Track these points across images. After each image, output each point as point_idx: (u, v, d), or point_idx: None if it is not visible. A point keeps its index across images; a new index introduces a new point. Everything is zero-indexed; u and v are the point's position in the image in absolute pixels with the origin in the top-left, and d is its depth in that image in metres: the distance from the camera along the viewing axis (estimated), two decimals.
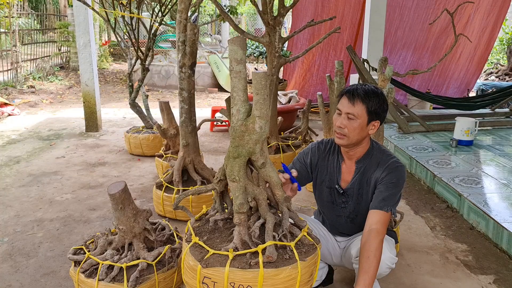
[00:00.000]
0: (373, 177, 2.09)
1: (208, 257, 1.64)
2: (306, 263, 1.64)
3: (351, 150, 2.13)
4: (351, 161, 2.17)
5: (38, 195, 3.78)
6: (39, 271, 2.60)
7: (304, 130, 4.85)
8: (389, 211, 1.97)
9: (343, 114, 2.02)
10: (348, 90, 2.04)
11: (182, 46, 3.22)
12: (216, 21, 10.86)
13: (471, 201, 3.22)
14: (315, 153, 2.25)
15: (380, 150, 2.14)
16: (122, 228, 2.30)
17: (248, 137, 1.65)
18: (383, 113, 2.06)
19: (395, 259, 2.04)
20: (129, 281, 2.15)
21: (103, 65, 12.59)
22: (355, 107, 1.99)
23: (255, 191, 1.72)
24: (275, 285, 1.58)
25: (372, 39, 5.74)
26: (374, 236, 1.90)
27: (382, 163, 2.09)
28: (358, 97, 1.99)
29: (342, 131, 2.03)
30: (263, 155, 1.69)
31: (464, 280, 2.55)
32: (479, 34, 7.49)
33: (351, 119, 2.00)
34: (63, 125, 6.47)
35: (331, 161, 2.22)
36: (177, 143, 4.14)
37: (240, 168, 1.68)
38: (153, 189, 3.42)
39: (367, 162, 2.12)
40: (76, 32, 5.70)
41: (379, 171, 2.08)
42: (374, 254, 1.84)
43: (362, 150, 2.13)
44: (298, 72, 7.63)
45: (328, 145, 2.26)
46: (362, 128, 2.02)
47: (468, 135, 4.62)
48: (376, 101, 2.00)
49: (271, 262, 1.59)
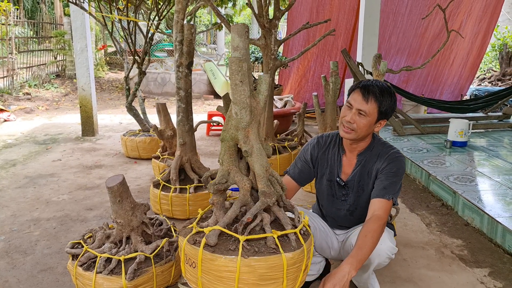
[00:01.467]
0: (374, 168, 2.11)
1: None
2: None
3: (354, 144, 2.15)
4: (352, 154, 2.19)
5: (35, 195, 3.78)
6: (36, 268, 2.60)
7: (300, 133, 4.89)
8: (390, 199, 1.98)
9: (354, 110, 2.02)
10: (363, 85, 2.03)
11: (179, 45, 3.26)
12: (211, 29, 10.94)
13: (466, 198, 3.26)
14: (314, 147, 2.27)
15: (381, 143, 2.17)
16: (120, 222, 2.31)
17: (230, 122, 1.69)
18: (392, 112, 2.08)
19: (395, 249, 2.05)
20: (127, 274, 2.16)
21: (98, 74, 12.62)
22: (368, 104, 1.99)
23: (236, 178, 1.75)
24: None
25: (366, 44, 5.81)
26: (374, 220, 1.91)
27: (382, 154, 2.11)
28: (372, 95, 1.98)
29: (350, 126, 2.03)
30: (247, 143, 1.71)
31: (460, 273, 2.57)
32: (471, 40, 7.60)
33: (362, 115, 2.01)
34: (59, 130, 6.47)
35: (331, 154, 2.23)
36: (174, 145, 4.17)
37: (224, 152, 1.73)
38: (150, 188, 3.43)
39: (368, 154, 2.15)
40: (73, 37, 5.73)
41: (380, 162, 2.10)
42: (371, 234, 1.86)
43: (365, 144, 2.15)
44: (293, 77, 7.69)
45: (328, 139, 2.27)
46: (370, 125, 2.04)
47: (462, 136, 4.67)
48: (389, 101, 2.01)
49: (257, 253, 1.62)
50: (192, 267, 1.70)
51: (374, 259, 2.00)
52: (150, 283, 2.25)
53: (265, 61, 4.38)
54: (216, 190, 1.75)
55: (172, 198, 3.23)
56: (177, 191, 3.25)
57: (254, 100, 1.69)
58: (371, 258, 1.98)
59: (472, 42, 7.62)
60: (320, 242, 2.27)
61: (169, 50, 16.42)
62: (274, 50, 4.34)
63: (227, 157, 1.74)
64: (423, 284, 2.45)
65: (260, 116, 1.71)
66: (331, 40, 7.33)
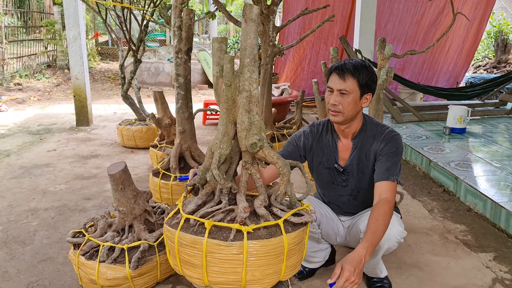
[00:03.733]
0: (372, 149, 2.08)
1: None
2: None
3: (346, 127, 2.11)
4: (347, 138, 2.15)
5: (31, 186, 3.71)
6: (36, 258, 2.55)
7: (298, 121, 4.85)
8: (395, 180, 1.95)
9: (335, 92, 2.00)
10: (336, 66, 2.02)
11: (178, 31, 3.19)
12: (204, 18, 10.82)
13: (468, 184, 3.24)
14: (308, 136, 2.22)
15: (373, 123, 2.13)
16: (122, 210, 2.26)
17: None
18: (374, 84, 2.05)
19: (405, 232, 2.03)
20: (131, 262, 2.11)
21: (90, 64, 12.44)
22: (346, 82, 1.97)
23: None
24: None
25: (364, 31, 5.77)
26: (383, 203, 1.88)
27: (378, 135, 2.08)
28: (348, 72, 1.97)
29: (336, 108, 2.01)
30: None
31: (465, 258, 2.56)
32: (467, 27, 7.58)
33: (344, 94, 1.98)
34: (53, 120, 6.37)
35: (326, 141, 2.19)
36: (172, 133, 4.11)
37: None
38: (149, 177, 3.37)
39: (363, 136, 2.11)
40: (66, 24, 5.62)
41: (377, 143, 2.07)
42: (383, 217, 1.83)
43: (357, 125, 2.12)
44: (289, 66, 7.63)
45: (320, 127, 2.23)
46: (356, 103, 2.01)
47: (461, 123, 4.66)
48: (366, 73, 2.00)
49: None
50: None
51: (384, 244, 1.97)
52: (154, 271, 2.22)
53: (263, 48, 4.32)
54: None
55: (172, 187, 3.18)
56: (177, 179, 3.20)
57: None
58: (381, 243, 1.95)
59: (467, 29, 7.60)
60: (327, 229, 2.24)
61: (161, 40, 16.24)
62: (272, 37, 4.28)
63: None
64: (428, 269, 2.44)
65: None
66: (327, 28, 7.27)
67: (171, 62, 10.30)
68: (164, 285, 2.29)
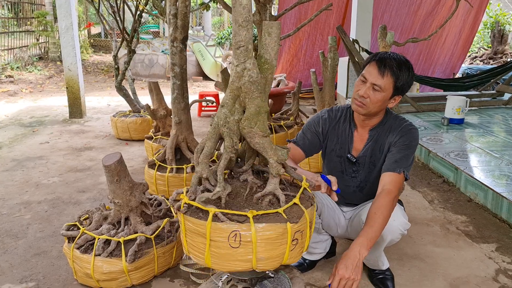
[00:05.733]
0: (387, 142, 2.02)
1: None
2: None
3: (366, 119, 2.05)
4: (364, 129, 2.09)
5: (23, 178, 3.63)
6: (29, 252, 2.48)
7: (295, 112, 4.79)
8: (401, 172, 1.89)
9: (369, 84, 1.91)
10: (380, 58, 1.91)
11: (173, 19, 3.11)
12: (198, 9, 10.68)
13: (469, 174, 3.21)
14: (326, 121, 2.15)
15: (393, 116, 2.07)
16: (118, 202, 2.20)
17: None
18: (408, 88, 1.97)
19: (408, 224, 1.98)
20: (128, 256, 2.06)
21: (83, 56, 12.26)
22: (384, 78, 1.88)
23: None
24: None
25: (361, 21, 5.70)
26: (384, 195, 1.83)
27: (395, 127, 2.02)
28: (389, 69, 1.87)
29: (363, 101, 1.93)
30: None
31: (467, 249, 2.53)
32: (463, 17, 7.53)
33: (376, 90, 1.90)
34: (45, 112, 6.26)
35: (342, 129, 2.13)
36: (167, 124, 4.03)
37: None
38: (145, 168, 3.31)
39: (380, 129, 2.05)
40: (57, 14, 5.49)
41: (392, 135, 2.01)
42: (381, 211, 1.78)
43: (378, 119, 2.06)
44: (284, 57, 7.55)
45: (339, 113, 2.16)
46: (384, 101, 1.94)
47: (459, 113, 4.62)
48: (406, 75, 1.90)
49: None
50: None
51: (387, 236, 1.92)
52: (151, 265, 2.16)
53: (260, 37, 4.24)
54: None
55: (168, 179, 3.12)
56: (173, 171, 3.14)
57: None
58: (384, 235, 1.91)
59: (464, 20, 7.55)
60: (328, 220, 2.19)
61: (155, 31, 16.08)
62: None
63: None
64: (430, 260, 2.41)
65: None
66: (323, 18, 7.19)
67: (165, 54, 10.18)
68: (161, 278, 2.24)
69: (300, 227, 1.51)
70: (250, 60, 1.53)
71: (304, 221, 1.52)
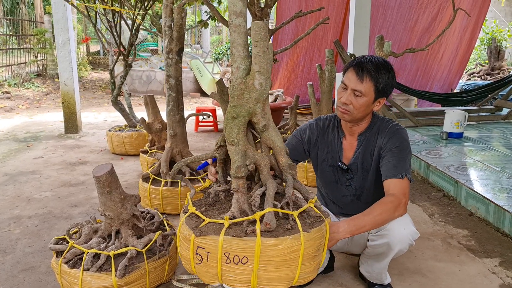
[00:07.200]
0: (376, 146, 1.97)
1: (202, 225, 1.48)
2: (310, 234, 1.47)
3: (354, 125, 2.01)
4: (352, 136, 2.05)
5: (15, 193, 3.55)
6: (17, 267, 2.39)
7: (292, 126, 4.74)
8: (404, 177, 1.82)
9: (349, 90, 1.88)
10: (357, 63, 1.87)
11: (168, 31, 3.08)
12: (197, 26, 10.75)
13: (470, 187, 3.14)
14: (313, 130, 2.12)
15: (380, 119, 2.03)
16: (109, 214, 2.13)
17: (248, 95, 1.51)
18: (391, 89, 1.93)
19: (418, 234, 1.90)
20: (117, 270, 1.97)
21: (81, 74, 12.28)
22: (363, 83, 1.84)
23: (256, 156, 1.57)
24: (274, 256, 1.40)
25: (358, 36, 5.69)
26: (389, 196, 1.78)
27: (382, 129, 1.97)
28: (367, 73, 1.84)
29: (347, 108, 1.89)
30: (265, 117, 1.55)
31: (470, 264, 2.45)
32: (460, 34, 7.56)
33: (358, 96, 1.86)
34: (41, 127, 6.21)
35: (331, 137, 2.09)
36: (163, 138, 3.98)
37: (239, 130, 1.54)
38: (139, 182, 3.24)
39: (369, 133, 2.01)
40: (54, 29, 5.49)
41: (380, 138, 1.96)
42: (382, 207, 1.74)
43: (365, 124, 2.02)
44: (282, 73, 7.55)
45: (327, 122, 2.14)
46: (368, 106, 1.90)
47: (458, 127, 4.58)
48: (386, 77, 1.86)
49: (270, 231, 1.43)
50: (241, 264, 1.42)
51: (395, 245, 1.84)
52: (142, 280, 2.07)
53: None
54: (239, 175, 1.55)
55: (163, 192, 3.05)
56: (168, 184, 3.07)
57: None
58: (392, 245, 1.83)
59: (461, 36, 7.58)
60: None
61: (153, 49, 16.15)
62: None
63: (242, 135, 1.55)
64: (432, 276, 2.33)
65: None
66: (321, 34, 7.22)
67: (163, 70, 10.19)
68: None
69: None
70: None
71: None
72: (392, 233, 1.84)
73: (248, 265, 1.40)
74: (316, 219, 1.56)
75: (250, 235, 1.40)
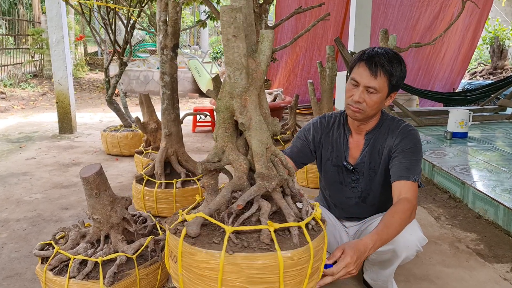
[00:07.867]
0: (386, 145, 1.84)
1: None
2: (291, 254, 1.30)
3: (362, 124, 1.88)
4: (359, 134, 1.92)
5: (4, 195, 3.42)
6: (1, 274, 2.26)
7: (292, 126, 4.63)
8: (416, 181, 1.71)
9: (362, 87, 1.74)
10: (368, 56, 1.73)
11: (163, 26, 2.96)
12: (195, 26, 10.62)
13: (477, 189, 3.01)
14: (317, 128, 2.00)
15: (390, 118, 1.91)
16: (97, 218, 2.00)
17: (223, 89, 1.39)
18: (403, 81, 1.81)
19: (426, 240, 1.77)
20: (106, 278, 1.84)
21: (79, 74, 12.16)
22: (377, 79, 1.71)
23: (231, 156, 1.44)
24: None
25: (358, 35, 5.58)
26: (403, 201, 1.64)
27: (393, 129, 1.85)
28: (381, 68, 1.70)
29: (359, 106, 1.76)
30: (244, 114, 1.40)
31: (480, 269, 2.32)
32: (462, 32, 7.45)
33: (371, 93, 1.73)
34: (35, 128, 6.08)
35: (336, 136, 1.97)
36: (158, 138, 3.85)
37: (219, 125, 1.42)
38: (132, 184, 3.10)
39: (377, 132, 1.88)
40: (48, 27, 5.36)
41: (391, 138, 1.83)
42: (400, 215, 1.60)
43: (374, 122, 1.89)
44: (281, 72, 7.43)
45: (331, 119, 2.01)
46: (382, 102, 1.78)
47: (462, 127, 4.45)
48: (399, 70, 1.73)
49: (246, 247, 1.28)
50: (174, 262, 1.39)
51: (402, 252, 1.71)
52: None
53: None
54: (206, 170, 1.43)
55: (157, 194, 2.92)
56: (162, 186, 2.94)
57: (254, 61, 1.40)
58: (398, 251, 1.70)
59: (463, 35, 7.46)
60: (328, 236, 1.99)
61: (152, 50, 16.02)
62: None
63: (222, 131, 1.43)
64: (440, 282, 2.20)
65: (261, 81, 1.42)
66: (321, 32, 7.10)
67: None
68: None
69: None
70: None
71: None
72: (398, 239, 1.71)
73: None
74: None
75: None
